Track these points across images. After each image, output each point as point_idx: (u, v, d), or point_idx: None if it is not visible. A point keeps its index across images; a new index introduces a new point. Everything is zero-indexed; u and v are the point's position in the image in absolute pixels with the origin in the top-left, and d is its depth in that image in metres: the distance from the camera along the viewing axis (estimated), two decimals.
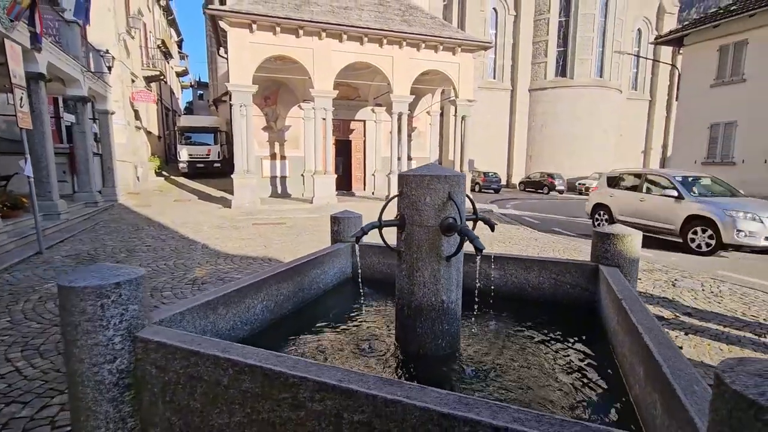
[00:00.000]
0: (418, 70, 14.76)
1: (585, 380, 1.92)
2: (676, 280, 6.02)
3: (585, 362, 2.08)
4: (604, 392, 1.81)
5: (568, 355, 2.16)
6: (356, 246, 2.61)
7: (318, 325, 2.55)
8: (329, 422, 1.26)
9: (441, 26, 15.43)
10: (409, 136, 16.09)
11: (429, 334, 2.08)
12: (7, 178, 8.84)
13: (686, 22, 16.94)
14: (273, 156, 16.58)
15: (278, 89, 16.08)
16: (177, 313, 1.84)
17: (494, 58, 29.37)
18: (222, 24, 12.29)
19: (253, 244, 7.88)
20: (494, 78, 29.91)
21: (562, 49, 28.82)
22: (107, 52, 12.48)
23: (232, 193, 15.59)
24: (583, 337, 2.34)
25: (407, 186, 2.03)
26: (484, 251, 1.83)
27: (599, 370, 1.99)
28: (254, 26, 12.40)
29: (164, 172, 21.28)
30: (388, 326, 2.51)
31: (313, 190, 14.22)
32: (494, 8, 29.02)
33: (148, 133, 20.79)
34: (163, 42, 23.86)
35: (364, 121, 17.84)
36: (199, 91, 42.34)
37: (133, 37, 17.11)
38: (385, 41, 13.82)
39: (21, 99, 5.93)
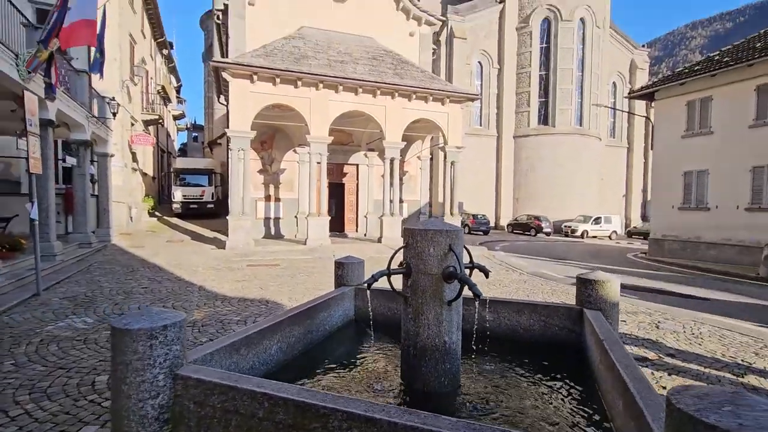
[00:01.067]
0: (410, 119, 15.56)
1: (574, 414, 2.13)
2: (659, 322, 6.28)
3: (574, 398, 2.30)
4: (591, 424, 2.02)
5: (560, 391, 2.37)
6: (368, 292, 2.81)
7: (328, 365, 2.73)
8: None
9: (431, 79, 16.46)
10: (401, 179, 16.64)
11: (433, 372, 2.29)
12: (7, 220, 8.93)
13: (656, 79, 18.35)
14: (267, 198, 16.90)
15: (274, 134, 16.69)
16: (207, 354, 2.04)
17: (480, 107, 30.95)
18: (225, 75, 12.98)
19: (250, 286, 7.98)
20: (480, 125, 31.35)
21: (543, 99, 30.58)
22: (113, 99, 13.00)
23: (224, 233, 15.73)
24: (572, 375, 2.56)
25: (413, 238, 2.32)
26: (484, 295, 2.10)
27: (586, 404, 2.21)
28: (255, 77, 13.13)
29: (157, 213, 21.36)
30: (393, 366, 2.70)
31: (307, 231, 14.45)
32: (479, 62, 30.97)
33: (144, 174, 21.07)
34: (163, 88, 24.75)
35: (357, 165, 18.44)
36: (193, 134, 43.24)
37: (135, 84, 17.81)
38: (378, 92, 14.67)
39: (34, 146, 6.20)
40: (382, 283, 2.63)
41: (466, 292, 2.30)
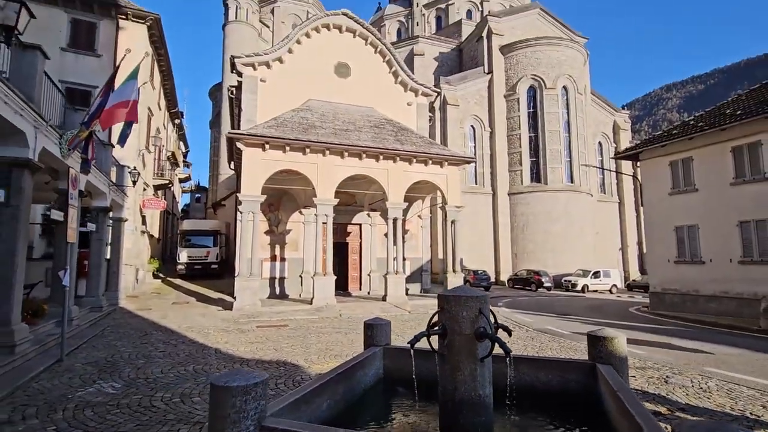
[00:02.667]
0: (410, 181, 16.43)
1: None
2: (667, 377, 6.47)
3: None
4: None
5: None
6: (412, 351, 3.03)
7: (371, 420, 3.01)
8: None
9: (429, 144, 17.61)
10: (403, 238, 17.15)
11: (470, 424, 2.59)
12: (31, 286, 9.19)
13: (638, 141, 19.65)
14: (273, 258, 17.25)
15: (282, 197, 17.43)
16: (279, 409, 2.36)
17: (475, 166, 32.39)
18: (239, 144, 13.93)
19: (264, 348, 8.12)
20: (476, 183, 32.62)
21: (534, 159, 32.16)
22: (134, 168, 13.80)
23: (229, 294, 15.87)
24: (591, 426, 2.85)
25: (447, 303, 2.73)
26: (496, 352, 2.47)
27: None
28: (267, 146, 14.08)
29: (161, 274, 21.50)
30: (428, 419, 2.98)
31: (313, 291, 14.64)
32: (472, 125, 32.96)
33: (150, 236, 21.51)
34: (173, 154, 26.00)
35: (360, 225, 19.04)
36: (197, 195, 44.38)
37: (150, 153, 18.84)
38: (381, 157, 15.65)
39: (73, 217, 6.69)
40: (410, 334, 2.98)
41: (496, 349, 2.67)
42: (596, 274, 27.67)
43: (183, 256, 21.13)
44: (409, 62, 36.41)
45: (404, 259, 17.93)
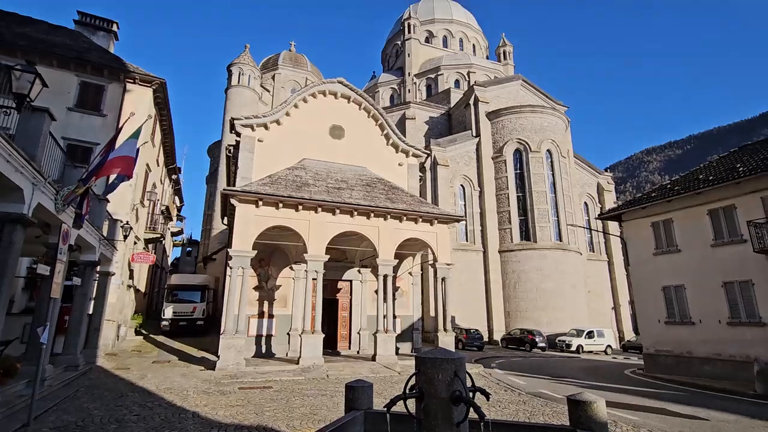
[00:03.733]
0: (401, 238, 16.66)
1: None
2: None
3: None
4: None
5: None
6: (388, 416, 2.98)
7: None
8: None
9: (419, 203, 18.10)
10: (394, 295, 17.01)
11: None
12: (6, 343, 8.88)
13: (620, 203, 20.38)
14: (261, 314, 16.89)
15: (273, 252, 17.46)
16: None
17: (465, 224, 32.97)
18: (233, 200, 14.24)
19: (244, 412, 7.78)
20: (467, 241, 32.97)
21: (523, 217, 32.89)
22: (127, 223, 13.92)
23: (213, 353, 15.31)
24: None
25: (423, 365, 2.80)
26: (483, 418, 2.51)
27: None
28: (260, 202, 14.40)
29: (143, 330, 20.78)
30: None
31: (300, 350, 14.22)
32: (461, 185, 34.02)
33: (136, 290, 21.08)
34: (167, 208, 26.24)
35: (351, 281, 18.93)
36: (188, 248, 44.10)
37: (144, 207, 19.06)
38: (372, 214, 15.99)
39: (59, 272, 6.70)
40: (376, 405, 2.99)
41: (472, 413, 2.70)
42: (590, 334, 27.22)
43: (168, 311, 20.57)
44: (401, 126, 38.32)
45: (395, 316, 17.66)
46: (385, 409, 2.78)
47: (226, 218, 18.48)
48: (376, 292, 16.79)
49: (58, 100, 14.89)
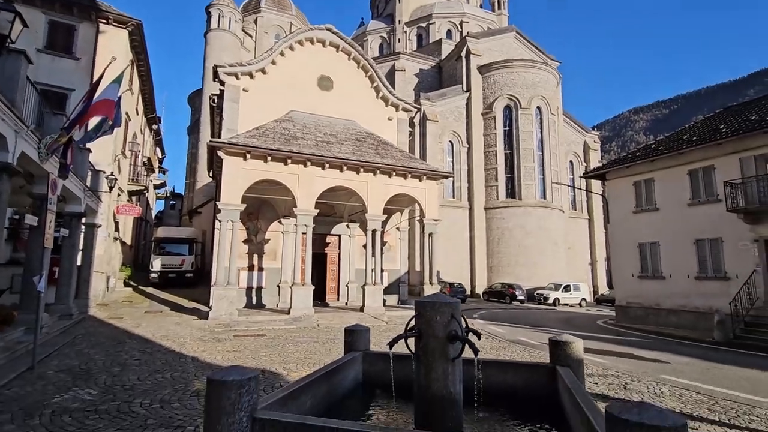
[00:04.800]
0: (390, 194, 16.79)
1: None
2: (626, 383, 6.93)
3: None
4: None
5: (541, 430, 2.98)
6: (390, 351, 3.25)
7: (349, 417, 3.23)
8: None
9: (408, 158, 18.08)
10: (381, 250, 17.41)
11: (442, 419, 2.86)
12: (1, 292, 8.91)
13: (606, 162, 20.72)
14: (251, 267, 17.16)
15: (261, 206, 17.44)
16: (269, 404, 2.57)
17: (453, 180, 33.18)
18: (220, 153, 13.97)
19: (242, 357, 8.16)
20: (453, 197, 33.35)
21: (509, 175, 33.23)
22: (111, 174, 13.60)
23: (204, 303, 15.67)
24: (550, 420, 3.17)
25: (423, 309, 3.01)
26: (467, 356, 2.77)
27: None
28: (248, 155, 14.18)
29: (132, 282, 20.95)
30: (405, 416, 3.24)
31: (291, 301, 14.66)
32: (450, 141, 33.83)
33: (123, 243, 21.00)
34: (149, 159, 25.55)
35: (340, 236, 19.22)
36: (171, 202, 43.42)
37: (126, 158, 18.54)
38: (361, 169, 15.97)
39: (51, 222, 6.66)
40: (386, 344, 3.23)
41: (466, 352, 2.97)
42: (567, 288, 28.62)
43: (156, 264, 20.68)
44: (390, 78, 37.17)
45: (382, 270, 18.17)
46: (388, 346, 3.01)
47: (212, 171, 18.18)
48: (365, 246, 17.14)
49: (25, 40, 13.91)
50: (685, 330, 14.63)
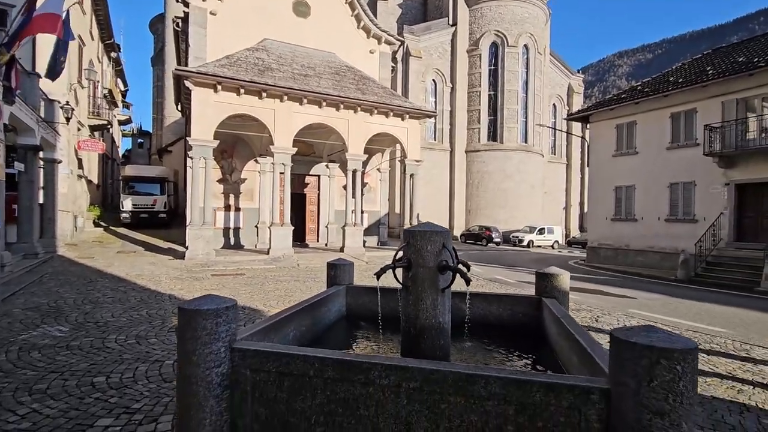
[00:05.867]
0: (371, 133, 16.19)
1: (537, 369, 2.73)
2: (598, 317, 7.24)
3: (537, 361, 2.91)
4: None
5: (526, 358, 2.97)
6: (378, 282, 3.08)
7: (334, 347, 3.15)
8: (391, 391, 1.92)
9: (391, 95, 17.26)
10: (362, 191, 17.14)
11: (430, 347, 2.79)
12: None
13: (590, 104, 20.44)
14: (227, 207, 16.69)
15: (235, 143, 16.60)
16: (249, 334, 2.40)
17: (434, 122, 32.42)
18: (187, 83, 12.87)
19: (221, 294, 8.05)
20: (435, 140, 32.79)
21: (492, 117, 32.66)
22: (67, 103, 12.42)
23: (180, 244, 15.33)
24: (534, 348, 3.18)
25: (413, 238, 2.83)
26: (453, 289, 2.65)
27: (546, 364, 2.82)
28: (219, 87, 13.14)
29: (102, 222, 20.20)
30: (391, 346, 3.18)
31: (270, 241, 14.49)
32: (433, 80, 32.54)
33: (89, 181, 19.93)
34: (110, 92, 23.61)
35: (319, 176, 18.73)
36: (139, 140, 41.08)
37: (84, 88, 16.98)
38: (341, 106, 15.17)
39: (1, 154, 6.02)
40: (368, 281, 3.08)
41: (455, 285, 2.85)
42: (541, 231, 29.51)
43: (127, 203, 19.84)
44: (372, 6, 34.53)
45: (362, 211, 18.02)
46: (375, 276, 2.85)
47: (180, 104, 16.96)
48: (345, 187, 16.81)
49: None
50: (650, 269, 15.41)
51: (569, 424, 1.71)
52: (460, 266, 2.90)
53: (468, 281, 2.61)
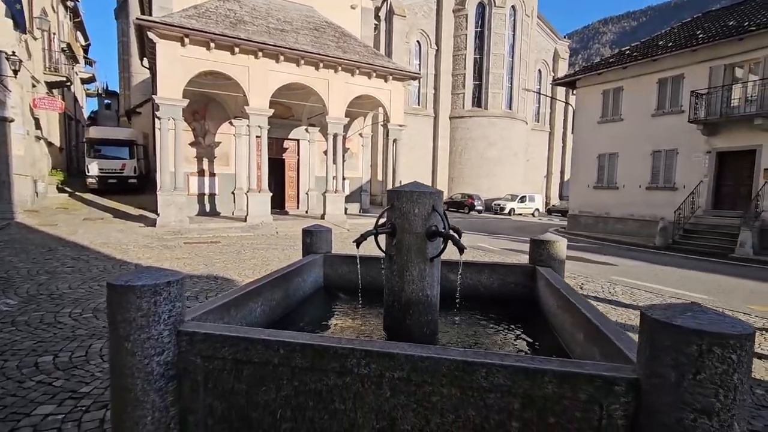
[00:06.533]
0: (353, 95, 15.41)
1: (534, 349, 2.46)
2: (582, 284, 7.15)
3: (532, 337, 2.64)
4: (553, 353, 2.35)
5: (522, 336, 2.70)
6: (357, 249, 2.69)
7: (310, 325, 2.81)
8: (372, 382, 1.59)
9: (373, 55, 16.35)
10: (343, 156, 16.53)
11: (416, 324, 2.48)
12: None
13: (577, 69, 19.96)
14: (201, 172, 15.87)
15: (207, 104, 15.58)
16: (202, 313, 2.02)
17: (418, 86, 31.43)
18: (151, 35, 11.74)
19: (193, 263, 7.61)
20: (418, 105, 31.91)
21: (477, 82, 31.84)
22: (13, 53, 11.19)
23: (152, 211, 14.58)
24: (528, 322, 2.91)
25: (398, 200, 2.44)
26: (444, 258, 2.31)
27: (543, 342, 2.56)
28: (186, 40, 12.06)
29: (67, 188, 19.05)
30: (372, 321, 2.86)
31: (247, 208, 13.91)
32: (417, 41, 31.24)
33: (49, 144, 18.60)
34: (68, 45, 21.71)
35: (298, 141, 17.95)
36: (106, 101, 38.56)
37: (36, 39, 15.45)
38: (321, 65, 14.28)
39: None
40: (349, 249, 2.71)
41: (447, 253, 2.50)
42: (522, 199, 29.63)
43: (93, 168, 18.66)
44: None
45: (344, 178, 17.48)
46: (355, 243, 2.47)
47: (144, 59, 15.67)
48: (325, 152, 16.16)
49: None
50: (629, 236, 15.60)
51: (586, 421, 1.42)
52: (452, 233, 2.55)
53: (462, 249, 2.27)
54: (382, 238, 2.55)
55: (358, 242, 2.41)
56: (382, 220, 2.55)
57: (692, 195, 14.21)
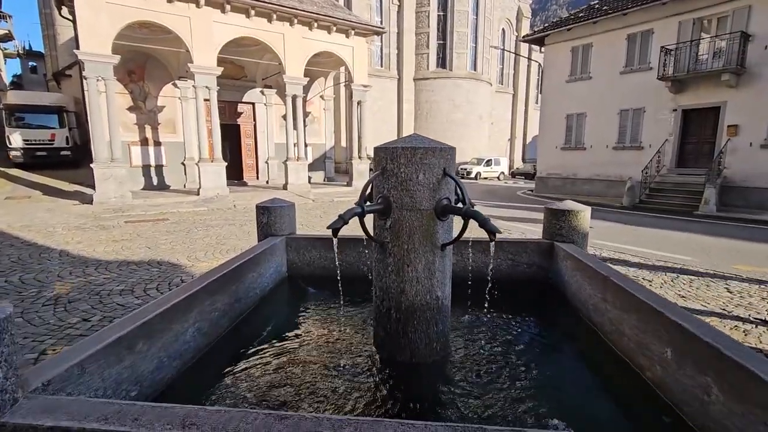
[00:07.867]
0: (312, 51, 14.01)
1: (573, 367, 1.82)
2: None
3: (564, 345, 2.01)
4: (613, 375, 1.72)
5: (561, 349, 2.06)
6: (335, 240, 1.89)
7: (268, 341, 2.03)
8: None
9: (333, 7, 14.84)
10: (304, 121, 15.26)
11: (423, 338, 1.76)
12: None
13: (539, 28, 19.26)
14: (144, 141, 14.16)
15: (145, 62, 13.69)
16: (73, 365, 1.18)
17: (381, 46, 29.75)
18: None
19: (133, 246, 6.52)
20: (381, 66, 30.34)
21: (441, 42, 30.56)
22: None
23: (90, 186, 12.92)
24: (559, 322, 2.28)
25: (394, 162, 1.64)
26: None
27: (597, 360, 1.92)
28: None
29: None
30: (355, 332, 2.12)
31: (199, 180, 12.58)
32: None
33: None
34: None
35: (254, 104, 16.37)
36: (30, 62, 34.04)
37: None
38: (274, 16, 12.71)
39: None
40: (317, 227, 1.93)
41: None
42: (488, 163, 29.44)
43: (16, 139, 16.28)
44: None
45: (306, 145, 16.29)
46: (330, 230, 1.64)
47: (65, 8, 13.38)
48: (284, 117, 14.81)
49: None
50: (596, 197, 15.63)
51: None
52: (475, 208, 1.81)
53: (493, 232, 1.52)
54: (369, 219, 1.77)
55: (336, 227, 1.59)
56: (368, 191, 1.76)
57: (658, 154, 14.25)
